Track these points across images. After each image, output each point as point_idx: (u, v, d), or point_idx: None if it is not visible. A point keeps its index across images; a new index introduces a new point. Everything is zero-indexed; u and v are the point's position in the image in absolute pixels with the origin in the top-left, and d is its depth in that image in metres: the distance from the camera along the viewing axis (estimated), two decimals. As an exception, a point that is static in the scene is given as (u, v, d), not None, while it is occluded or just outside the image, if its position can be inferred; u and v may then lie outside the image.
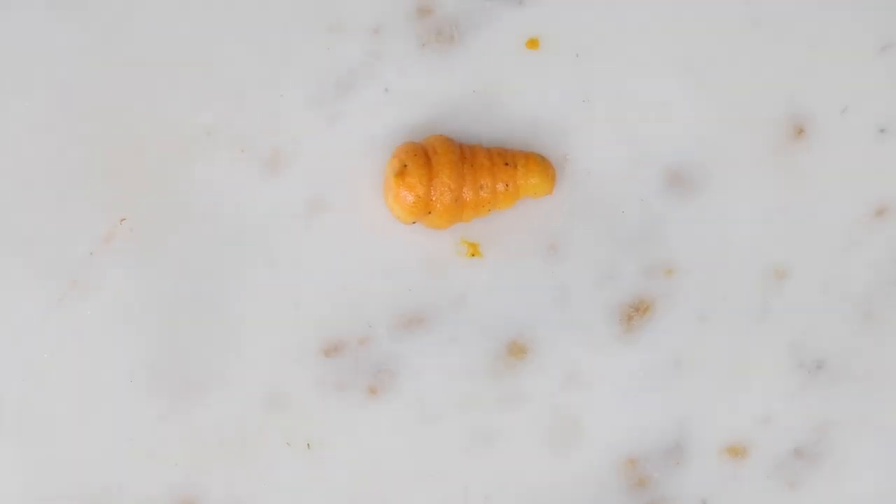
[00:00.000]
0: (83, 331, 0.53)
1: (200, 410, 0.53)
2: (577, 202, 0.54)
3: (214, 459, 0.53)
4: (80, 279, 0.53)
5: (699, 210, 0.54)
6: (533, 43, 0.54)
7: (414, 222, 0.52)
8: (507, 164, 0.52)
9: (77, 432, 0.53)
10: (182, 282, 0.53)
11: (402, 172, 0.51)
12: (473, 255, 0.54)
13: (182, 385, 0.53)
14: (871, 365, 0.55)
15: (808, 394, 0.55)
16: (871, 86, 0.55)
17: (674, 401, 0.54)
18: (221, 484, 0.53)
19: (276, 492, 0.53)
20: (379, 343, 0.53)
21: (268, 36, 0.53)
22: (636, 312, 0.54)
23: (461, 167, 0.52)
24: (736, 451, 0.54)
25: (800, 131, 0.55)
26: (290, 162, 0.53)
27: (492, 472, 0.54)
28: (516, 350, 0.54)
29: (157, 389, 0.53)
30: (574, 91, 0.54)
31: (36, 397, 0.52)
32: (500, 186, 0.52)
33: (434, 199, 0.51)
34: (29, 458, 0.53)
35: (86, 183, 0.53)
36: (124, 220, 0.53)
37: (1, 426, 0.53)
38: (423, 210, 0.52)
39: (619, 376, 0.54)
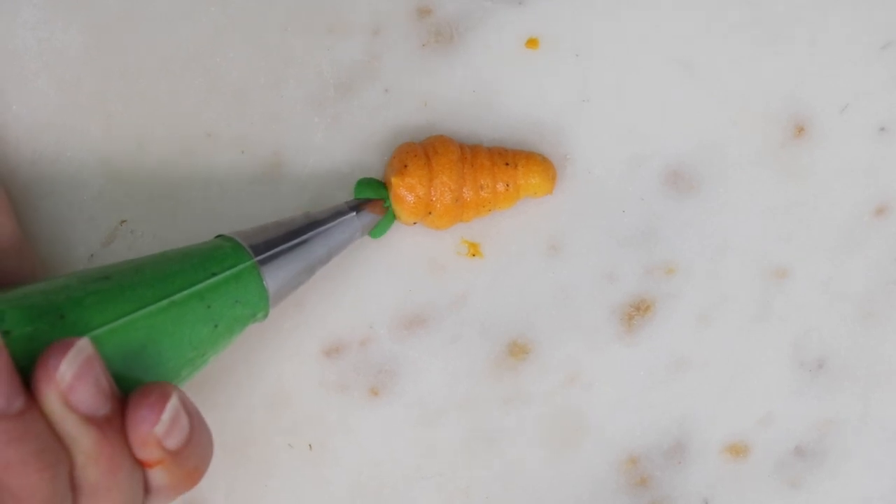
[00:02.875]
0: (84, 332, 0.53)
1: (202, 412, 0.53)
2: (577, 202, 0.54)
3: (216, 461, 0.53)
4: (80, 281, 0.52)
5: (699, 210, 0.54)
6: (533, 43, 0.54)
7: (414, 223, 0.52)
8: (507, 164, 0.52)
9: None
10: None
11: (401, 173, 0.51)
12: (474, 256, 0.54)
13: (183, 387, 0.53)
14: (872, 364, 0.55)
15: (810, 393, 0.55)
16: (871, 84, 0.55)
17: (675, 400, 0.54)
18: (224, 485, 0.53)
19: (278, 493, 0.53)
20: (380, 344, 0.54)
21: (268, 37, 0.53)
22: (637, 312, 0.54)
23: (461, 167, 0.52)
24: (737, 451, 0.54)
25: (800, 130, 0.55)
26: (290, 163, 0.53)
27: (493, 472, 0.54)
28: (517, 350, 0.54)
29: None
30: (574, 91, 0.54)
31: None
32: (501, 186, 0.52)
33: (434, 199, 0.51)
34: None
35: (86, 185, 0.53)
36: (125, 222, 0.53)
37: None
38: (424, 210, 0.52)
39: (620, 376, 0.54)
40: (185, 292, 0.45)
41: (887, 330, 0.55)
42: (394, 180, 0.51)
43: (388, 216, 0.52)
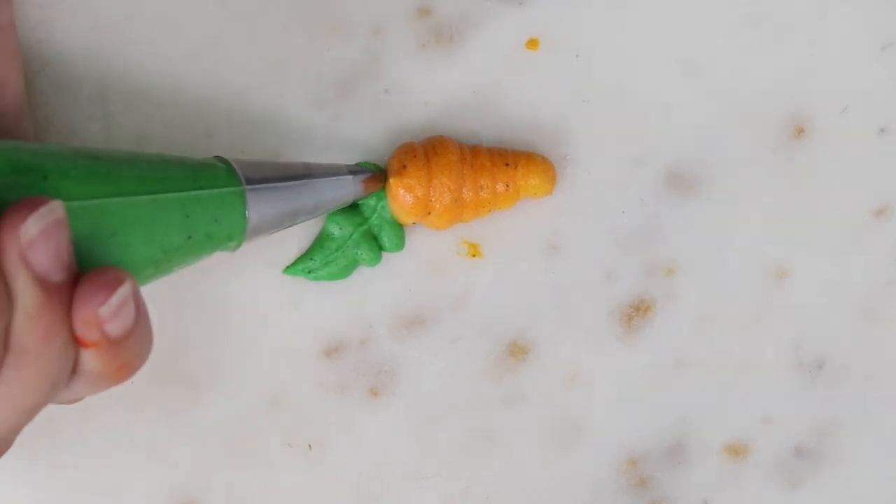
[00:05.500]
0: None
1: (201, 411, 0.53)
2: (577, 202, 0.54)
3: (215, 460, 0.53)
4: (80, 282, 0.53)
5: (699, 210, 0.54)
6: (533, 43, 0.54)
7: (414, 223, 0.52)
8: (507, 164, 0.52)
9: (78, 434, 0.53)
10: (183, 283, 0.53)
11: (400, 173, 0.51)
12: (474, 256, 0.54)
13: (183, 386, 0.53)
14: (872, 364, 0.55)
15: (809, 393, 0.55)
16: (871, 85, 0.55)
17: (674, 401, 0.54)
18: (222, 485, 0.53)
19: (278, 493, 0.53)
20: (380, 344, 0.54)
21: (267, 37, 0.53)
22: (636, 312, 0.54)
23: (461, 168, 0.52)
24: (737, 451, 0.54)
25: (800, 131, 0.55)
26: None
27: (493, 472, 0.54)
28: (517, 350, 0.54)
29: (158, 390, 0.53)
30: (574, 91, 0.54)
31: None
32: (501, 187, 0.52)
33: (433, 199, 0.51)
34: (31, 462, 0.53)
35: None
36: (124, 222, 0.53)
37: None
38: (423, 211, 0.52)
39: (620, 376, 0.54)
40: (169, 195, 0.45)
41: (887, 330, 0.55)
42: (392, 181, 0.51)
43: (381, 192, 0.52)
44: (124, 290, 0.42)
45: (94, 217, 0.43)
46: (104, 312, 0.42)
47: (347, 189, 0.51)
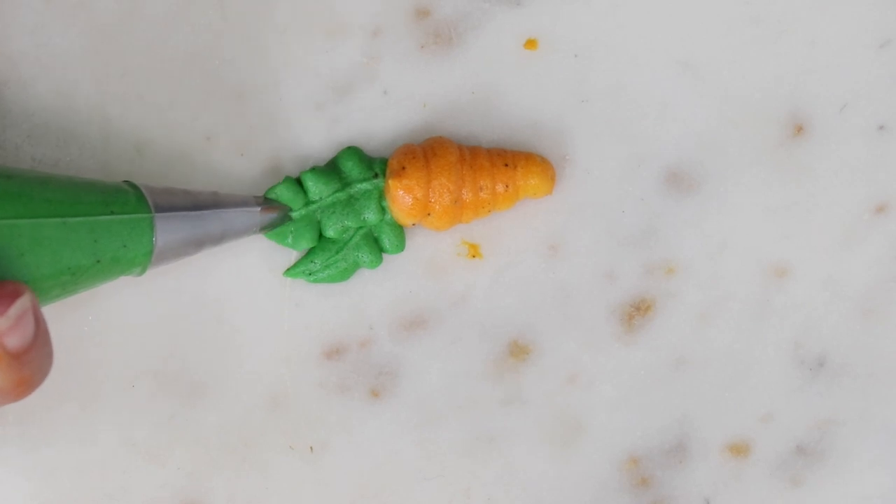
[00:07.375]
0: (84, 335, 0.53)
1: (203, 414, 0.53)
2: (577, 202, 0.54)
3: (217, 463, 0.53)
4: (80, 286, 0.53)
5: (699, 209, 0.54)
6: (531, 44, 0.54)
7: (413, 224, 0.52)
8: (506, 164, 0.52)
9: (80, 438, 0.53)
10: (183, 285, 0.53)
11: (399, 174, 0.51)
12: (474, 257, 0.54)
13: (184, 389, 0.53)
14: (873, 362, 0.55)
15: (810, 391, 0.55)
16: (870, 83, 0.55)
17: (675, 400, 0.54)
18: (224, 487, 0.53)
19: (279, 495, 0.53)
20: (380, 345, 0.54)
21: (266, 39, 0.53)
22: (637, 312, 0.54)
23: (460, 168, 0.52)
24: (738, 450, 0.54)
25: (799, 129, 0.55)
26: (289, 165, 0.53)
27: (494, 473, 0.54)
28: (517, 351, 0.54)
29: (160, 393, 0.53)
30: (573, 91, 0.54)
31: (39, 403, 0.52)
32: (500, 187, 0.52)
33: (433, 200, 0.51)
34: (32, 464, 0.53)
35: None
36: (124, 226, 0.53)
37: (4, 432, 0.53)
38: (422, 212, 0.52)
39: (621, 376, 0.54)
40: (79, 219, 0.46)
41: (888, 327, 0.55)
42: (392, 182, 0.51)
43: (288, 225, 0.52)
44: (23, 303, 0.42)
45: (3, 237, 0.43)
46: (2, 324, 0.41)
47: (254, 220, 0.51)
